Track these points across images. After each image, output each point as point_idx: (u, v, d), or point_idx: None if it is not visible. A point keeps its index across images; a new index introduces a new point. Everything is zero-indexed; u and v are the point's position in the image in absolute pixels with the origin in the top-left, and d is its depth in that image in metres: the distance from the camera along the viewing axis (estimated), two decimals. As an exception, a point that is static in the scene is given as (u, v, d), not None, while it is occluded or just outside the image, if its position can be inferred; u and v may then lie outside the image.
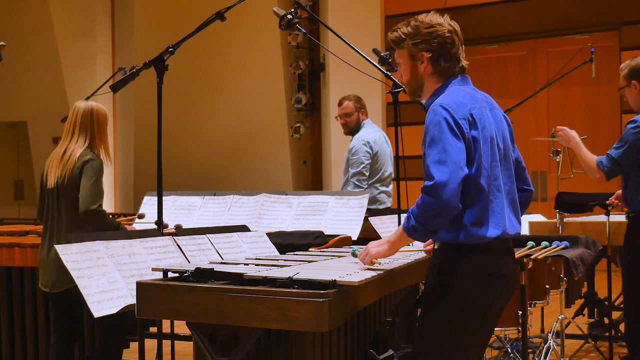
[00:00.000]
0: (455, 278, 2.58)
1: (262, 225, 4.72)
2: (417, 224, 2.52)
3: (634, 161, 4.09)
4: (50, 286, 3.88)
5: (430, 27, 2.67)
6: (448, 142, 2.51)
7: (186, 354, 5.39)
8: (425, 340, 2.65)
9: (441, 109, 2.56)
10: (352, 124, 5.91)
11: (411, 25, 2.70)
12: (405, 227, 2.57)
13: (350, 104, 5.89)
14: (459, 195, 2.49)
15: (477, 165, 2.56)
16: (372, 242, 2.73)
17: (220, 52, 11.53)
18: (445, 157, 2.49)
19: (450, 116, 2.54)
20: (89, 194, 3.83)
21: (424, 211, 2.50)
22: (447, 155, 2.49)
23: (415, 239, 2.61)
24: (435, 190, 2.46)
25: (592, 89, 9.93)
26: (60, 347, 3.95)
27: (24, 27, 11.45)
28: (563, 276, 4.38)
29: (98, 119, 4.04)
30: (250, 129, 11.71)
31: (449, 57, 2.69)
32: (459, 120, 2.54)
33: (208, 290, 2.41)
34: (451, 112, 2.55)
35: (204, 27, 3.55)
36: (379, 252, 2.68)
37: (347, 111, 5.89)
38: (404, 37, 2.71)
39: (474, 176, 2.55)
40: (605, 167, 4.09)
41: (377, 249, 2.68)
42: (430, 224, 2.51)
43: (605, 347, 5.24)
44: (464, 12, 10.12)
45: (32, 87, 11.70)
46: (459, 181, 2.48)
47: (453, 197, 2.46)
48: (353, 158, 5.80)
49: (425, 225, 2.51)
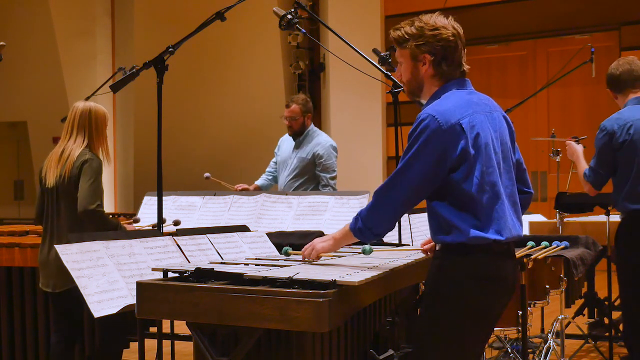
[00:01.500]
0: (455, 279, 2.58)
1: (262, 225, 4.73)
2: (364, 227, 2.65)
3: (610, 166, 4.18)
4: (52, 286, 3.88)
5: (435, 30, 2.64)
6: (421, 154, 2.54)
7: (186, 354, 5.39)
8: (425, 341, 2.65)
9: (428, 118, 2.55)
10: (297, 127, 5.92)
11: (415, 26, 2.67)
12: (352, 227, 2.69)
13: (298, 107, 5.89)
14: (405, 208, 2.64)
15: (468, 174, 2.54)
16: (317, 238, 2.88)
17: (220, 52, 11.53)
18: (406, 170, 2.56)
19: (437, 125, 2.53)
20: (88, 194, 3.83)
21: (372, 215, 2.63)
22: (408, 169, 2.56)
23: (360, 240, 2.73)
24: (384, 200, 2.59)
25: (592, 89, 9.93)
26: (61, 347, 3.95)
27: (24, 27, 11.45)
28: (563, 276, 4.38)
29: (97, 120, 4.04)
30: (250, 129, 11.72)
31: (451, 61, 2.66)
32: (444, 131, 2.53)
33: (208, 290, 2.41)
34: (439, 121, 2.53)
35: (204, 27, 3.55)
36: (324, 248, 2.82)
37: (294, 114, 5.89)
38: (407, 37, 2.68)
39: (464, 184, 2.54)
40: (589, 177, 4.25)
41: (323, 245, 2.82)
42: (377, 228, 2.65)
43: (605, 347, 5.24)
44: (464, 12, 10.11)
45: (32, 87, 11.70)
46: (407, 198, 2.59)
47: (399, 209, 2.63)
48: (327, 163, 5.82)
49: (372, 229, 2.65)
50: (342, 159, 10.87)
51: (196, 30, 3.55)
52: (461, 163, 2.54)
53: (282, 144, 6.06)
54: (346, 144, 10.93)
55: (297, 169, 5.84)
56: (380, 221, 2.64)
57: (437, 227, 2.62)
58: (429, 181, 2.56)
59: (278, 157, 6.03)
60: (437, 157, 2.53)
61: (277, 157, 6.04)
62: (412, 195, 2.59)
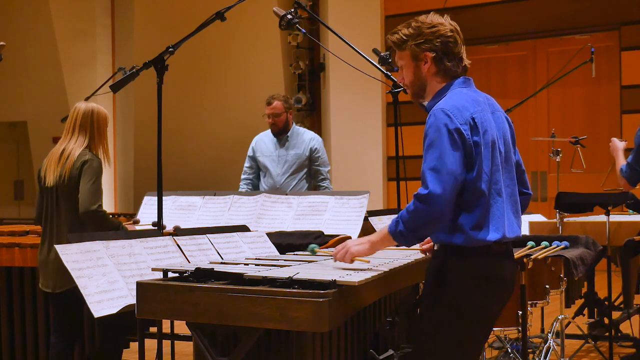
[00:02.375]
0: (453, 280, 2.59)
1: (262, 225, 4.72)
2: (406, 230, 2.53)
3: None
4: (52, 287, 3.88)
5: (433, 27, 2.65)
6: (445, 150, 2.50)
7: (186, 354, 5.39)
8: (424, 341, 2.66)
9: (442, 113, 2.54)
10: (281, 124, 5.92)
11: (412, 27, 2.68)
12: (392, 230, 2.57)
13: (280, 104, 5.90)
14: (451, 205, 2.51)
15: (478, 170, 2.55)
16: (350, 240, 2.73)
17: (220, 52, 11.53)
18: (440, 165, 2.49)
19: (451, 122, 2.53)
20: (89, 195, 3.82)
21: (414, 218, 2.51)
22: (442, 164, 2.49)
23: (401, 244, 2.62)
24: (428, 200, 2.47)
25: (592, 89, 9.93)
26: (61, 347, 3.95)
27: (24, 27, 11.45)
28: (563, 276, 4.38)
29: (98, 121, 4.04)
30: (250, 129, 11.68)
31: (452, 57, 2.67)
32: (459, 126, 2.53)
33: (208, 290, 2.41)
34: (452, 117, 2.53)
35: (204, 27, 3.56)
36: (360, 251, 2.67)
37: (277, 111, 5.89)
38: (405, 38, 2.68)
39: (474, 181, 2.54)
40: (625, 172, 4.24)
41: (358, 248, 2.67)
42: (419, 232, 2.54)
43: (605, 347, 5.24)
44: (464, 12, 10.12)
45: (32, 87, 11.70)
46: (453, 191, 2.49)
47: (446, 207, 2.49)
48: (324, 156, 5.93)
49: (414, 232, 2.54)
50: (342, 159, 10.93)
51: (196, 30, 3.55)
52: (473, 159, 2.55)
53: (259, 145, 6.02)
54: (346, 144, 10.95)
55: (295, 165, 5.87)
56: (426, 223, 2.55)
57: (438, 227, 2.61)
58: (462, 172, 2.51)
59: (259, 158, 5.98)
60: (459, 150, 2.51)
61: (258, 158, 5.98)
62: (452, 189, 2.51)
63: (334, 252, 2.74)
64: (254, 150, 6.03)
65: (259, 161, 6.00)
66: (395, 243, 2.62)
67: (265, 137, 6.03)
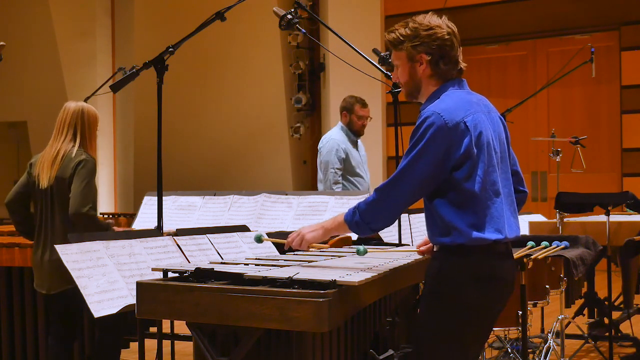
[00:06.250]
0: (453, 280, 2.59)
1: (262, 225, 4.72)
2: (361, 220, 2.62)
3: None
4: (47, 288, 3.85)
5: (430, 29, 2.64)
6: (422, 153, 2.53)
7: (186, 354, 5.39)
8: (424, 341, 2.66)
9: (433, 115, 2.55)
10: None
11: (409, 27, 2.67)
12: (348, 219, 2.66)
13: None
14: (407, 207, 2.61)
15: (471, 172, 2.55)
16: (304, 227, 2.82)
17: (220, 53, 11.53)
18: (409, 169, 2.55)
19: (442, 122, 2.53)
20: (80, 197, 3.77)
21: (372, 210, 2.60)
22: (412, 167, 2.55)
23: (355, 233, 2.70)
24: (390, 194, 2.56)
25: (592, 89, 9.93)
26: (56, 349, 3.93)
27: (24, 27, 11.45)
28: (563, 276, 4.38)
29: (89, 120, 4.01)
30: (250, 129, 11.71)
31: (448, 60, 2.66)
32: (449, 129, 2.53)
33: (208, 290, 2.41)
34: (444, 119, 2.54)
35: (204, 27, 3.56)
36: (315, 237, 2.77)
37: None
38: (402, 39, 2.68)
39: (462, 181, 2.54)
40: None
41: (312, 234, 2.77)
42: (373, 224, 2.63)
43: (605, 347, 5.24)
44: (464, 12, 10.12)
45: (32, 87, 11.70)
46: (411, 197, 2.58)
47: (402, 208, 2.60)
48: None
49: (368, 224, 2.62)
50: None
51: (196, 30, 3.55)
52: (464, 161, 2.54)
53: (347, 149, 5.98)
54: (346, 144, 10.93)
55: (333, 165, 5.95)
56: (380, 217, 2.63)
57: (436, 229, 2.62)
58: (432, 179, 2.56)
59: (352, 161, 5.97)
60: (441, 156, 2.53)
61: (351, 161, 5.97)
62: (414, 193, 2.59)
63: (288, 240, 2.82)
64: (346, 153, 5.96)
65: (351, 164, 5.96)
66: (349, 231, 2.71)
67: (344, 141, 5.98)
